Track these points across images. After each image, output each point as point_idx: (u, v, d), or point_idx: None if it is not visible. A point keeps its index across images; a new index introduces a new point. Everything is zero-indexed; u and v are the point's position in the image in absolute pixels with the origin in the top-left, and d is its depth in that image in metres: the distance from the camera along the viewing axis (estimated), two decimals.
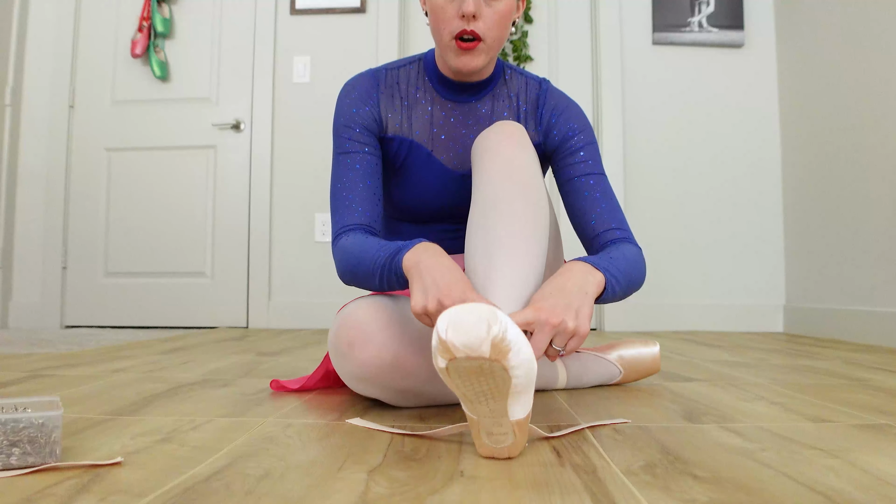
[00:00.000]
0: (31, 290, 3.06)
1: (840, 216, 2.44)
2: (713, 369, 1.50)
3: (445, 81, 1.05)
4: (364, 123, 1.02)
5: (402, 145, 1.04)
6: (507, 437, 0.68)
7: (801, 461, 0.70)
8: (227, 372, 1.43)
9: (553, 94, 1.08)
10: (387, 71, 1.06)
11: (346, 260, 0.94)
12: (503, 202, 0.85)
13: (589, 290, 0.81)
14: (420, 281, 0.79)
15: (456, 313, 0.64)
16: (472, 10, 0.91)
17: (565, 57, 3.04)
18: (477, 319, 0.63)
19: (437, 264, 0.80)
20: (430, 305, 0.77)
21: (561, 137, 1.05)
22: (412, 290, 0.80)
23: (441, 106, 1.05)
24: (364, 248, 0.91)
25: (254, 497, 0.57)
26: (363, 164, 1.01)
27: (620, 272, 0.88)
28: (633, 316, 2.88)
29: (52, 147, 3.06)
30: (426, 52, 1.08)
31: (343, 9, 3.01)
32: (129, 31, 3.10)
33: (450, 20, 0.94)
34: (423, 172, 1.05)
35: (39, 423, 0.64)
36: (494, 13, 0.94)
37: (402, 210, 1.09)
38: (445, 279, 0.78)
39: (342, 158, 1.01)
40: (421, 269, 0.80)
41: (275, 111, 3.03)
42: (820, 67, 2.58)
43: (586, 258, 0.87)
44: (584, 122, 1.06)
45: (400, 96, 1.05)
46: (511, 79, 1.09)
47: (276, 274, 2.99)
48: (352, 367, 0.91)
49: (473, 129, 1.06)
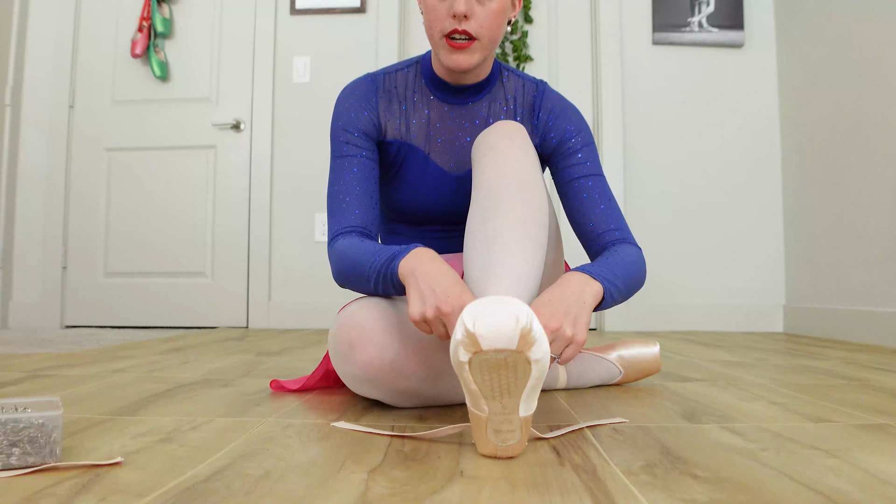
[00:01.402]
0: (31, 290, 3.06)
1: (840, 216, 2.44)
2: (713, 369, 1.50)
3: (442, 84, 1.05)
4: (362, 128, 1.03)
5: (401, 149, 1.05)
6: (515, 434, 0.69)
7: (801, 461, 0.70)
8: (227, 372, 1.43)
9: (550, 97, 1.08)
10: (384, 75, 1.07)
11: (341, 263, 0.94)
12: (503, 201, 0.85)
13: (587, 300, 0.82)
14: (417, 288, 0.80)
15: (484, 306, 0.64)
16: (462, 11, 0.91)
17: (565, 57, 3.04)
18: (505, 312, 0.64)
19: (434, 270, 0.80)
20: (429, 312, 0.77)
21: (559, 139, 1.05)
22: (409, 298, 0.80)
23: (438, 109, 1.05)
24: (359, 252, 0.91)
25: (254, 497, 0.57)
26: (360, 168, 1.01)
27: (619, 278, 0.89)
28: (633, 316, 2.88)
29: (52, 147, 3.06)
30: (423, 55, 1.08)
31: (343, 9, 3.01)
32: (129, 31, 3.10)
33: (441, 19, 0.94)
34: (420, 175, 1.05)
35: (39, 423, 0.64)
36: (488, 12, 0.94)
37: (399, 212, 1.10)
38: (442, 285, 0.78)
39: (340, 162, 1.02)
40: (417, 275, 0.81)
41: (275, 111, 3.03)
42: (820, 67, 2.58)
43: (584, 268, 0.87)
44: (581, 124, 1.06)
45: (398, 100, 1.05)
46: (508, 80, 1.09)
47: (276, 274, 2.99)
48: (352, 369, 0.91)
49: (470, 131, 1.06)
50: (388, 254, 0.87)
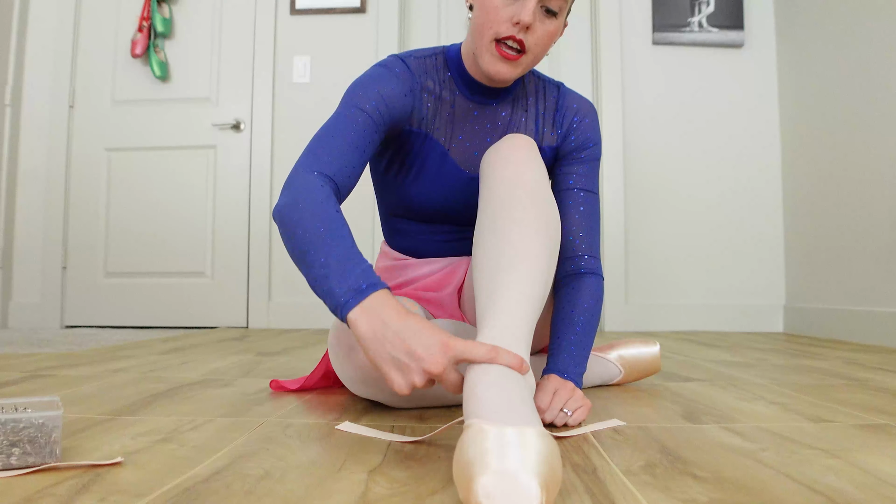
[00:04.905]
0: (31, 290, 3.06)
1: (840, 216, 2.44)
2: (713, 369, 1.50)
3: (470, 81, 1.02)
4: (394, 104, 0.96)
5: (424, 141, 1.02)
6: None
7: (801, 461, 0.70)
8: (227, 372, 1.43)
9: (572, 97, 1.09)
10: (415, 60, 1.02)
11: (300, 206, 0.81)
12: (516, 210, 0.81)
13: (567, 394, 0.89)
14: (390, 360, 0.70)
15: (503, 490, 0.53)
16: (528, 21, 0.89)
17: (565, 57, 3.04)
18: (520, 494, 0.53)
19: (403, 329, 0.70)
20: (418, 381, 0.69)
21: (577, 144, 1.06)
22: (382, 371, 0.71)
23: (463, 105, 1.04)
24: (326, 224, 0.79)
25: (254, 497, 0.57)
26: (368, 133, 0.92)
27: (584, 357, 0.96)
28: (633, 316, 2.88)
29: (52, 147, 3.06)
30: (448, 47, 1.05)
31: (343, 9, 3.01)
32: (129, 31, 3.10)
33: (501, 22, 0.91)
34: (436, 170, 1.03)
35: (39, 423, 0.64)
36: (545, 30, 0.92)
37: (408, 208, 1.07)
38: (422, 346, 0.69)
39: (356, 112, 0.92)
40: (386, 343, 0.70)
41: (275, 111, 3.03)
42: (820, 67, 2.58)
43: (555, 368, 0.94)
44: (599, 136, 1.09)
45: (427, 90, 1.02)
46: (529, 82, 1.08)
47: (276, 274, 2.99)
48: (351, 371, 0.90)
49: (491, 132, 1.05)
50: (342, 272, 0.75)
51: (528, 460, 0.53)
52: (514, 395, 0.63)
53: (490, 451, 0.54)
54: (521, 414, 0.60)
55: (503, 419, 0.58)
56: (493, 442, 0.55)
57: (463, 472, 0.54)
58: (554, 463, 0.55)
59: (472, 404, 0.62)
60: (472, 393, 0.63)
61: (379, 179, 1.10)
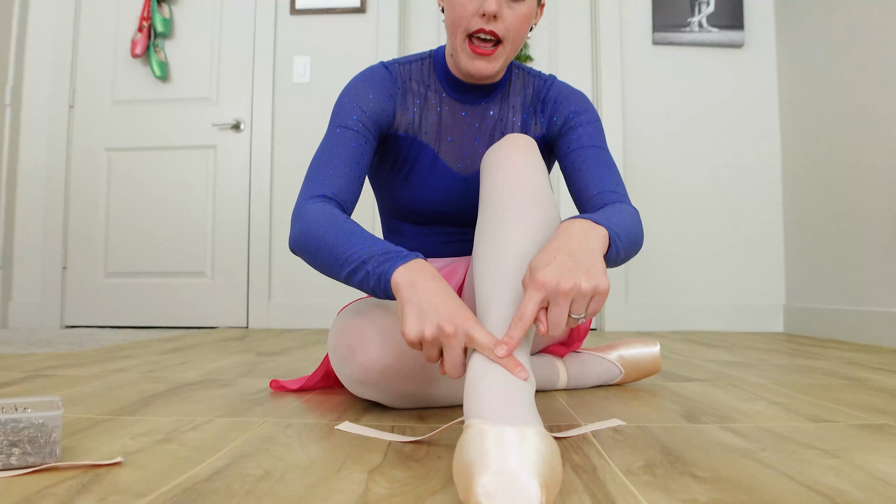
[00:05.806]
0: (31, 290, 3.06)
1: (840, 216, 2.44)
2: (713, 369, 1.50)
3: (455, 82, 1.03)
4: (376, 112, 0.98)
5: (413, 145, 1.03)
6: None
7: (801, 461, 0.70)
8: (227, 372, 1.43)
9: (557, 86, 1.07)
10: (399, 66, 1.04)
11: (311, 231, 0.84)
12: (516, 208, 0.81)
13: (594, 245, 0.72)
14: (415, 303, 0.72)
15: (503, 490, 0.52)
16: (494, 10, 0.88)
17: (565, 57, 3.04)
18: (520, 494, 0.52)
19: (437, 288, 0.73)
20: (428, 332, 0.70)
21: (562, 120, 1.03)
22: (404, 313, 0.72)
23: (450, 107, 1.04)
24: (342, 232, 0.82)
25: (254, 497, 0.57)
26: (358, 146, 0.95)
27: (621, 228, 0.81)
28: (633, 316, 2.88)
29: (52, 147, 3.06)
30: (436, 50, 1.06)
31: (343, 9, 3.01)
32: (129, 31, 3.10)
33: (468, 17, 0.91)
34: (428, 173, 1.04)
35: (39, 423, 0.64)
36: (515, 15, 0.91)
37: (403, 210, 1.08)
38: (446, 304, 0.71)
39: (341, 132, 0.95)
40: (417, 290, 0.73)
41: (275, 111, 3.03)
42: (820, 67, 2.58)
43: (583, 214, 0.79)
44: (585, 105, 1.04)
45: (412, 95, 1.03)
46: (518, 78, 1.08)
47: (276, 274, 2.99)
48: (351, 371, 0.90)
49: (480, 132, 1.05)
50: (383, 250, 0.78)
51: (528, 460, 0.53)
52: (514, 395, 0.63)
53: (490, 451, 0.54)
54: (521, 414, 0.60)
55: (503, 419, 0.58)
56: (493, 442, 0.55)
57: (463, 471, 0.54)
58: (554, 463, 0.55)
59: (472, 404, 0.62)
60: (473, 393, 0.63)
61: (375, 182, 1.11)
